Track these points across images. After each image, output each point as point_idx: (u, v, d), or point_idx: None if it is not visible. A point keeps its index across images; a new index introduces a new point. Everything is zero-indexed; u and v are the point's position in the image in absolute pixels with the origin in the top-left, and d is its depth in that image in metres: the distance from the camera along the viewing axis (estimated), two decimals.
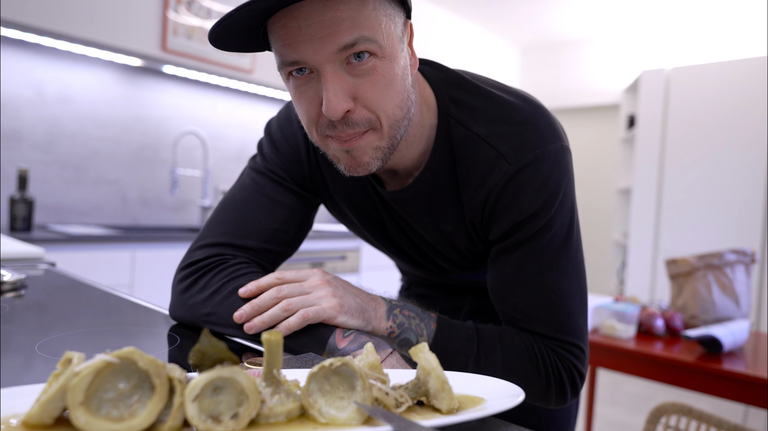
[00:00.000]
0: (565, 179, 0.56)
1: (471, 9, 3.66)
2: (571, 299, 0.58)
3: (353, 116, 0.49)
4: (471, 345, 0.57)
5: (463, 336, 0.58)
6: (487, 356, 0.57)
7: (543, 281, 0.57)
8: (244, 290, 0.56)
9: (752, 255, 1.60)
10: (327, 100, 0.48)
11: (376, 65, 0.49)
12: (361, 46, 0.47)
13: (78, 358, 0.31)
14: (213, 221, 0.67)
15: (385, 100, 0.50)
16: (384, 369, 0.40)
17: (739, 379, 1.22)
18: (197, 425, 0.30)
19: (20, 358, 0.49)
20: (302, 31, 0.46)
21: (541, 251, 0.56)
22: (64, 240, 1.70)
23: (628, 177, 3.78)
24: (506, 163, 0.55)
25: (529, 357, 0.57)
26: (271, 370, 0.34)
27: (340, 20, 0.46)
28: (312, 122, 0.52)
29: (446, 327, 0.58)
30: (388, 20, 0.49)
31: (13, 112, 2.03)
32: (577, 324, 0.58)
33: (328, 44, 0.46)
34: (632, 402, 2.67)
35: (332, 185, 0.68)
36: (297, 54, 0.47)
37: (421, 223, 0.65)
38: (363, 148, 0.52)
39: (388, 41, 0.49)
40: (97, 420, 0.29)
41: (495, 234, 0.59)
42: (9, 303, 0.69)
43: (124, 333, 0.59)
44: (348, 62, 0.48)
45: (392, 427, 0.31)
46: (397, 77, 0.51)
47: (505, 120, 0.56)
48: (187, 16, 2.30)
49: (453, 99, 0.59)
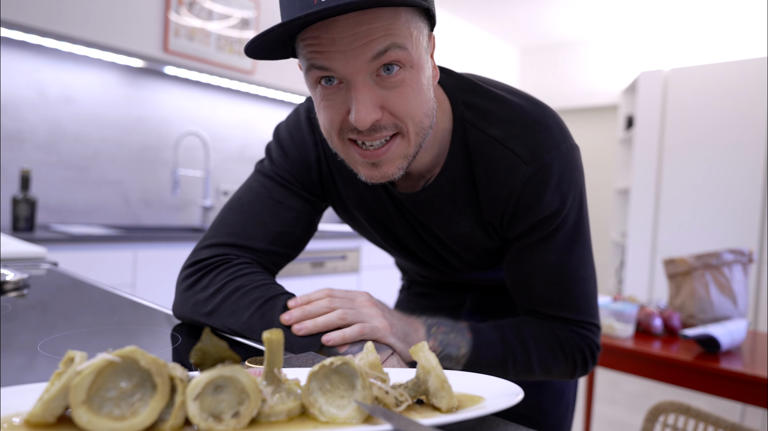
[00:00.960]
0: (577, 174, 0.60)
1: (471, 10, 3.67)
2: (587, 283, 0.63)
3: (381, 122, 0.51)
4: (506, 344, 0.61)
5: (497, 339, 0.61)
6: (523, 352, 0.62)
7: (562, 271, 0.61)
8: (293, 302, 0.56)
9: (750, 254, 1.61)
10: (357, 110, 0.49)
11: (405, 77, 0.50)
12: (393, 54, 0.48)
13: (80, 357, 0.31)
14: (219, 222, 0.68)
15: (413, 109, 0.51)
16: (384, 368, 0.40)
17: (737, 378, 1.23)
18: (198, 423, 0.30)
19: (23, 357, 0.49)
20: (336, 42, 0.47)
21: (559, 243, 0.61)
22: (66, 240, 1.71)
23: (626, 177, 3.80)
24: (523, 164, 0.58)
25: (557, 343, 0.63)
26: (271, 369, 0.34)
27: (374, 30, 0.47)
28: (334, 128, 0.53)
29: (478, 332, 0.61)
30: (418, 32, 0.50)
31: (15, 112, 2.04)
32: (592, 304, 0.64)
33: (360, 54, 0.47)
34: (631, 400, 2.68)
35: (344, 190, 0.69)
36: (329, 63, 0.48)
37: (437, 224, 0.66)
38: (391, 159, 0.53)
39: (417, 51, 0.50)
40: (99, 418, 0.29)
41: (516, 232, 0.62)
42: (12, 302, 0.70)
43: (126, 332, 0.60)
44: (378, 74, 0.49)
45: (392, 426, 0.31)
46: (424, 87, 0.52)
47: (518, 122, 0.59)
48: (188, 17, 2.31)
49: (467, 103, 0.61)
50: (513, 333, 0.63)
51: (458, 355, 0.58)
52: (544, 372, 0.64)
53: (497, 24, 3.94)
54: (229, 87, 2.68)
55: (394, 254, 0.80)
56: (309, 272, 2.41)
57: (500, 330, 0.63)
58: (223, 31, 2.43)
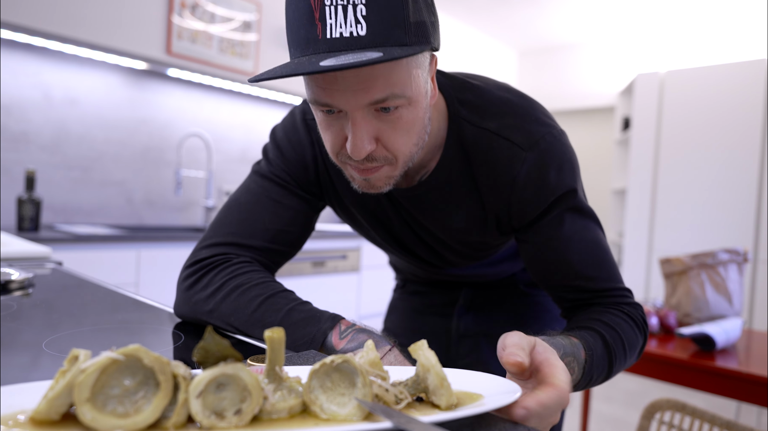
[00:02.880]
0: (572, 153, 0.63)
1: (470, 13, 3.69)
2: (609, 249, 0.64)
3: (374, 154, 0.53)
4: (608, 352, 0.57)
5: (601, 352, 0.56)
6: (620, 349, 0.58)
7: (590, 243, 0.62)
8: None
9: (744, 254, 1.61)
10: (353, 143, 0.50)
11: (402, 114, 0.51)
12: (391, 102, 0.49)
13: (84, 355, 0.31)
14: (218, 222, 0.68)
15: (404, 143, 0.53)
16: (384, 366, 0.41)
17: (732, 376, 1.23)
18: (201, 421, 0.31)
19: (28, 355, 0.50)
20: (338, 81, 0.48)
21: (577, 217, 0.62)
22: (70, 240, 1.72)
23: (623, 178, 3.83)
24: (522, 151, 0.60)
25: (630, 319, 0.61)
26: (273, 367, 0.34)
27: (375, 77, 0.48)
28: (334, 152, 0.55)
29: (590, 347, 0.55)
30: (418, 69, 0.51)
31: (20, 114, 2.05)
32: (617, 269, 0.65)
33: (360, 97, 0.48)
34: (627, 398, 2.69)
35: (341, 189, 0.70)
36: (331, 100, 0.49)
37: (432, 218, 0.67)
38: (379, 178, 0.56)
39: (416, 90, 0.51)
40: (103, 416, 0.30)
41: (529, 217, 0.62)
42: (17, 301, 0.70)
43: (130, 330, 0.60)
44: (376, 109, 0.50)
45: (392, 423, 0.31)
46: (420, 120, 0.54)
47: (510, 114, 0.61)
48: (191, 20, 2.32)
49: (461, 101, 0.62)
50: (611, 333, 0.58)
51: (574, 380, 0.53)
52: (630, 360, 0.61)
53: (496, 27, 3.96)
54: (231, 89, 2.69)
55: (390, 251, 0.80)
56: (310, 271, 2.42)
57: (602, 336, 0.57)
58: (225, 34, 2.44)
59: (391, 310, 1.01)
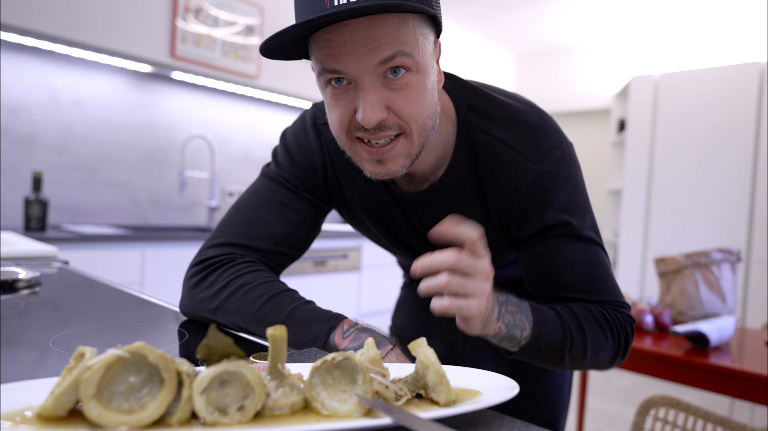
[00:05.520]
0: (578, 168, 0.63)
1: (467, 17, 3.71)
2: (608, 266, 0.64)
3: (386, 122, 0.52)
4: (564, 326, 0.59)
5: (555, 318, 0.58)
6: (579, 334, 0.59)
7: (590, 260, 0.62)
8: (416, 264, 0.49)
9: (738, 253, 1.62)
10: (363, 110, 0.50)
11: (410, 80, 0.52)
12: (399, 60, 0.50)
13: (90, 353, 0.32)
14: (225, 222, 0.69)
15: (417, 111, 0.53)
16: (384, 363, 0.41)
17: (725, 373, 1.24)
18: (205, 417, 0.31)
19: (35, 353, 0.50)
20: (347, 45, 0.49)
21: (578, 234, 0.62)
22: (77, 240, 1.73)
23: (618, 179, 3.85)
24: (529, 163, 0.60)
25: (606, 323, 0.61)
26: (275, 364, 0.35)
27: (383, 36, 0.48)
28: (343, 126, 0.54)
29: (540, 312, 0.58)
30: (424, 39, 0.52)
31: (28, 116, 2.07)
32: (616, 284, 0.65)
33: (369, 58, 0.49)
34: (623, 395, 2.71)
35: (348, 193, 0.70)
36: (340, 65, 0.50)
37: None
38: (395, 157, 0.54)
39: (422, 57, 0.52)
40: (108, 412, 0.30)
41: (528, 231, 0.62)
42: (24, 299, 0.71)
43: (135, 328, 0.61)
44: (385, 76, 0.51)
45: (392, 419, 0.32)
46: (428, 91, 0.54)
47: (519, 124, 0.61)
48: (194, 24, 2.33)
49: (471, 107, 0.63)
50: (569, 314, 0.60)
51: (521, 337, 0.56)
52: (594, 357, 0.61)
53: (493, 30, 3.98)
54: (234, 91, 2.71)
55: (396, 254, 0.80)
56: (311, 270, 2.43)
57: (557, 311, 0.60)
58: (228, 38, 2.46)
59: (399, 307, 1.01)
